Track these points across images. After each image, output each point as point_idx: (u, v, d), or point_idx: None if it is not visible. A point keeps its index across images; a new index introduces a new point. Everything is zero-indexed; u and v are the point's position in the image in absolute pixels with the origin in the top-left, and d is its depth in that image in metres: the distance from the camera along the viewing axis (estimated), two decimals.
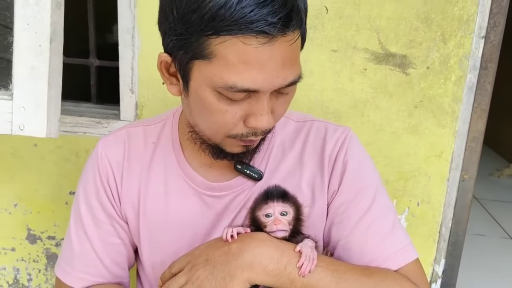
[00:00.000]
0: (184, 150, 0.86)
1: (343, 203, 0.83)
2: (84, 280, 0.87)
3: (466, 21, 1.15)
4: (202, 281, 0.71)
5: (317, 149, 0.86)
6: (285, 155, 0.86)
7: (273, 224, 0.73)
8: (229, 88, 0.64)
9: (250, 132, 0.71)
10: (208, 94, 0.67)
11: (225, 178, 0.85)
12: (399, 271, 0.79)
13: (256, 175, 0.83)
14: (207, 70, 0.65)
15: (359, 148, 0.87)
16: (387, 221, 0.82)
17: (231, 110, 0.68)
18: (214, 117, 0.69)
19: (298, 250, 0.72)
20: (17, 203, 1.42)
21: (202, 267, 0.72)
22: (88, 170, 0.89)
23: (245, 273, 0.71)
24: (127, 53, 1.24)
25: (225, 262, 0.71)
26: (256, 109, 0.67)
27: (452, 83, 1.19)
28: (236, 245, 0.73)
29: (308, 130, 0.88)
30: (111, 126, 1.31)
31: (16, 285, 1.49)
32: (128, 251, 0.91)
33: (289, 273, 0.71)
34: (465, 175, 1.24)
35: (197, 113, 0.73)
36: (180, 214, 0.86)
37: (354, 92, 1.22)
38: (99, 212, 0.87)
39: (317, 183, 0.84)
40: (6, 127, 1.00)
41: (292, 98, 0.75)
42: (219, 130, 0.72)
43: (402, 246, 0.81)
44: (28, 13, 0.96)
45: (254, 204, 0.77)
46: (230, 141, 0.74)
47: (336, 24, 1.18)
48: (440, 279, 1.32)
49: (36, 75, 0.97)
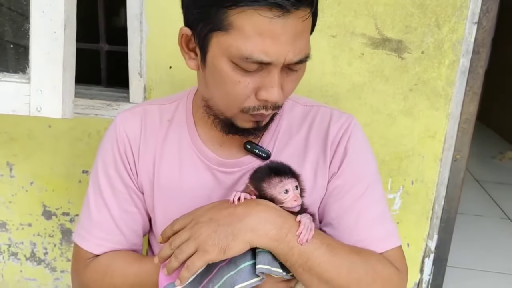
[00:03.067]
0: (197, 127, 0.90)
1: (340, 186, 0.86)
2: (102, 246, 0.90)
3: (459, 8, 1.17)
4: (204, 238, 0.72)
5: (321, 133, 0.89)
6: (291, 137, 0.90)
7: (293, 201, 0.76)
8: (244, 59, 0.69)
9: (261, 105, 0.74)
10: (224, 64, 0.71)
11: (235, 156, 0.88)
12: (384, 254, 0.83)
13: (264, 154, 0.87)
14: (225, 41, 0.70)
15: (361, 136, 0.91)
16: (377, 209, 0.86)
17: (244, 81, 0.72)
18: (227, 87, 0.73)
19: (298, 220, 0.75)
20: (33, 181, 1.47)
21: (205, 224, 0.73)
22: (106, 142, 0.92)
23: (248, 234, 0.72)
24: (135, 38, 1.29)
25: (229, 223, 0.73)
26: (268, 82, 0.71)
27: (446, 67, 1.22)
28: (242, 208, 0.75)
29: (314, 114, 0.91)
30: (121, 108, 1.36)
31: (33, 258, 1.56)
32: (144, 219, 0.94)
33: (289, 240, 0.73)
34: (457, 155, 1.27)
35: (212, 85, 0.77)
36: (192, 186, 0.89)
37: (352, 76, 1.25)
38: (117, 181, 0.90)
39: (320, 165, 0.88)
40: (25, 109, 1.04)
41: (301, 77, 0.79)
42: (232, 102, 0.75)
43: (388, 233, 0.85)
44: (43, 2, 1.00)
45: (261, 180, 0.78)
46: (242, 116, 0.77)
47: (335, 10, 1.21)
48: (432, 254, 1.36)
49: (52, 60, 1.01)
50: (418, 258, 1.38)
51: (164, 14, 1.26)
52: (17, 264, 1.57)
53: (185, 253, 0.72)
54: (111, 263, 0.89)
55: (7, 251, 1.56)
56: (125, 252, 0.92)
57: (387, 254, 0.84)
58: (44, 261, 1.56)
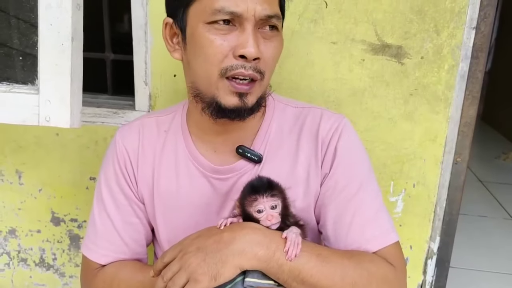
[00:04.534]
0: (192, 135, 0.93)
1: (332, 187, 0.87)
2: (108, 256, 0.94)
3: (457, 13, 1.19)
4: (194, 267, 0.72)
5: (312, 133, 0.90)
6: (283, 139, 0.91)
7: (266, 220, 0.76)
8: (217, 12, 0.75)
9: (239, 64, 0.77)
10: (200, 29, 0.78)
11: (228, 162, 0.91)
12: (379, 252, 0.84)
13: (256, 157, 0.89)
14: (200, 6, 0.78)
15: (352, 135, 0.91)
16: (371, 207, 0.87)
17: (219, 40, 0.77)
18: (205, 49, 0.78)
19: (284, 237, 0.75)
20: (42, 188, 1.50)
21: (193, 254, 0.74)
22: (108, 158, 0.97)
23: (236, 259, 0.73)
24: (140, 48, 1.32)
25: (217, 250, 0.73)
26: (243, 38, 0.76)
27: (445, 72, 1.23)
28: (227, 233, 0.75)
29: (305, 115, 0.93)
30: (127, 116, 1.38)
31: (42, 264, 1.58)
32: (146, 229, 0.98)
33: (278, 258, 0.74)
34: (458, 158, 1.29)
35: (193, 58, 0.81)
36: (190, 194, 0.92)
37: (353, 82, 1.27)
38: (118, 194, 0.94)
39: (312, 166, 0.89)
40: (34, 119, 1.06)
41: (280, 51, 0.83)
42: (211, 65, 0.78)
43: (384, 230, 0.86)
44: (50, 15, 1.02)
45: (242, 197, 0.79)
46: (223, 84, 0.79)
47: (335, 17, 1.23)
48: (435, 256, 1.38)
49: (60, 71, 1.04)
50: (421, 260, 1.39)
51: None
52: (27, 270, 1.60)
53: (177, 284, 0.72)
54: (117, 273, 0.92)
55: (16, 257, 1.59)
56: (131, 262, 0.95)
57: (383, 252, 0.84)
58: (53, 267, 1.58)
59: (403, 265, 0.87)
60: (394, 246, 0.86)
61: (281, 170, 0.89)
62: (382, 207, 0.89)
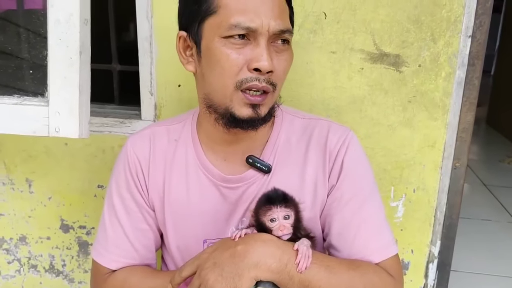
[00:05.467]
0: (202, 145, 0.95)
1: (338, 199, 0.90)
2: (118, 261, 0.96)
3: (453, 22, 1.21)
4: (212, 283, 0.75)
5: (320, 145, 0.93)
6: (291, 150, 0.94)
7: (278, 230, 0.78)
8: (233, 27, 0.78)
9: (253, 76, 0.80)
10: (216, 43, 0.80)
11: (238, 171, 0.93)
12: (380, 264, 0.88)
13: (265, 168, 0.91)
14: (214, 21, 0.80)
15: (358, 149, 0.94)
16: (375, 220, 0.90)
17: (235, 54, 0.79)
18: (221, 62, 0.80)
19: (296, 249, 0.78)
20: (51, 196, 1.53)
21: (210, 270, 0.76)
22: (119, 165, 0.99)
23: (252, 272, 0.75)
24: (146, 59, 1.35)
25: (232, 264, 0.75)
26: (257, 52, 0.79)
27: (443, 79, 1.25)
28: (241, 247, 0.77)
29: (313, 127, 0.96)
30: (133, 125, 1.42)
31: (52, 270, 1.62)
32: (155, 236, 1.00)
33: (289, 270, 0.76)
34: (456, 163, 1.30)
35: (208, 70, 0.84)
36: (200, 203, 0.94)
37: (352, 90, 1.29)
38: (129, 201, 0.96)
39: (319, 177, 0.92)
40: (44, 130, 1.11)
41: (291, 62, 0.86)
42: (227, 78, 0.81)
43: (385, 242, 0.90)
44: (59, 30, 1.06)
45: (257, 207, 0.81)
46: (237, 97, 0.82)
47: (334, 28, 1.26)
48: (436, 259, 1.40)
49: (69, 84, 1.08)
50: (422, 263, 1.41)
51: (172, 36, 1.29)
52: (37, 276, 1.63)
53: None
54: (127, 278, 0.94)
55: (27, 264, 1.62)
56: (141, 267, 0.97)
57: (384, 263, 0.88)
58: (63, 273, 1.62)
59: (401, 277, 0.91)
60: (394, 258, 0.90)
61: (289, 180, 0.91)
62: (384, 220, 0.92)
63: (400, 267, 0.91)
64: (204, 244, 0.96)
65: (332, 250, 0.91)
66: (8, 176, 1.54)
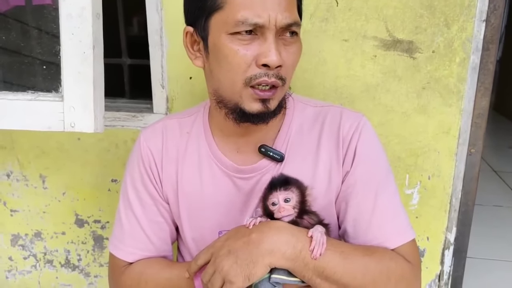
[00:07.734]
0: (214, 137, 0.95)
1: (353, 185, 0.89)
2: (134, 254, 0.97)
3: (467, 6, 1.20)
4: (227, 270, 0.75)
5: (333, 132, 0.92)
6: (303, 138, 0.93)
7: (278, 212, 0.78)
8: (240, 23, 0.77)
9: (262, 72, 0.79)
10: (223, 39, 0.79)
11: (251, 161, 0.93)
12: (396, 249, 0.86)
13: (278, 156, 0.91)
14: (221, 17, 0.79)
15: (371, 134, 0.93)
16: (390, 205, 0.89)
17: (243, 50, 0.78)
18: (229, 59, 0.79)
19: (310, 236, 0.77)
20: (65, 191, 1.54)
21: (225, 257, 0.76)
22: (133, 159, 0.99)
23: (266, 259, 0.75)
24: (156, 52, 1.35)
25: (247, 251, 0.76)
26: (265, 47, 0.78)
27: (457, 65, 1.24)
28: (255, 234, 0.77)
29: (325, 114, 0.95)
30: (145, 119, 1.42)
31: (68, 265, 1.63)
32: (171, 228, 1.00)
33: (304, 257, 0.76)
34: (471, 149, 1.30)
35: (216, 67, 0.83)
36: (214, 194, 0.94)
37: (365, 78, 1.29)
38: (144, 194, 0.97)
39: (333, 164, 0.91)
40: (59, 125, 1.10)
41: (299, 55, 0.85)
42: (236, 74, 0.80)
43: (401, 228, 0.89)
44: (72, 24, 1.05)
45: (263, 195, 0.82)
46: (247, 93, 0.81)
47: (346, 15, 1.25)
48: (452, 246, 1.40)
49: (83, 78, 1.07)
50: (438, 250, 1.41)
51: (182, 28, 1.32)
52: (53, 271, 1.65)
53: (215, 286, 0.77)
54: (144, 270, 0.95)
55: (43, 259, 1.64)
56: (157, 259, 0.98)
57: (400, 249, 0.86)
58: (78, 267, 1.63)
59: (418, 262, 0.89)
60: (411, 243, 0.89)
61: (303, 168, 0.91)
62: (399, 205, 0.91)
63: (417, 252, 0.90)
64: (219, 235, 0.96)
65: (347, 237, 0.91)
66: (22, 173, 1.54)
